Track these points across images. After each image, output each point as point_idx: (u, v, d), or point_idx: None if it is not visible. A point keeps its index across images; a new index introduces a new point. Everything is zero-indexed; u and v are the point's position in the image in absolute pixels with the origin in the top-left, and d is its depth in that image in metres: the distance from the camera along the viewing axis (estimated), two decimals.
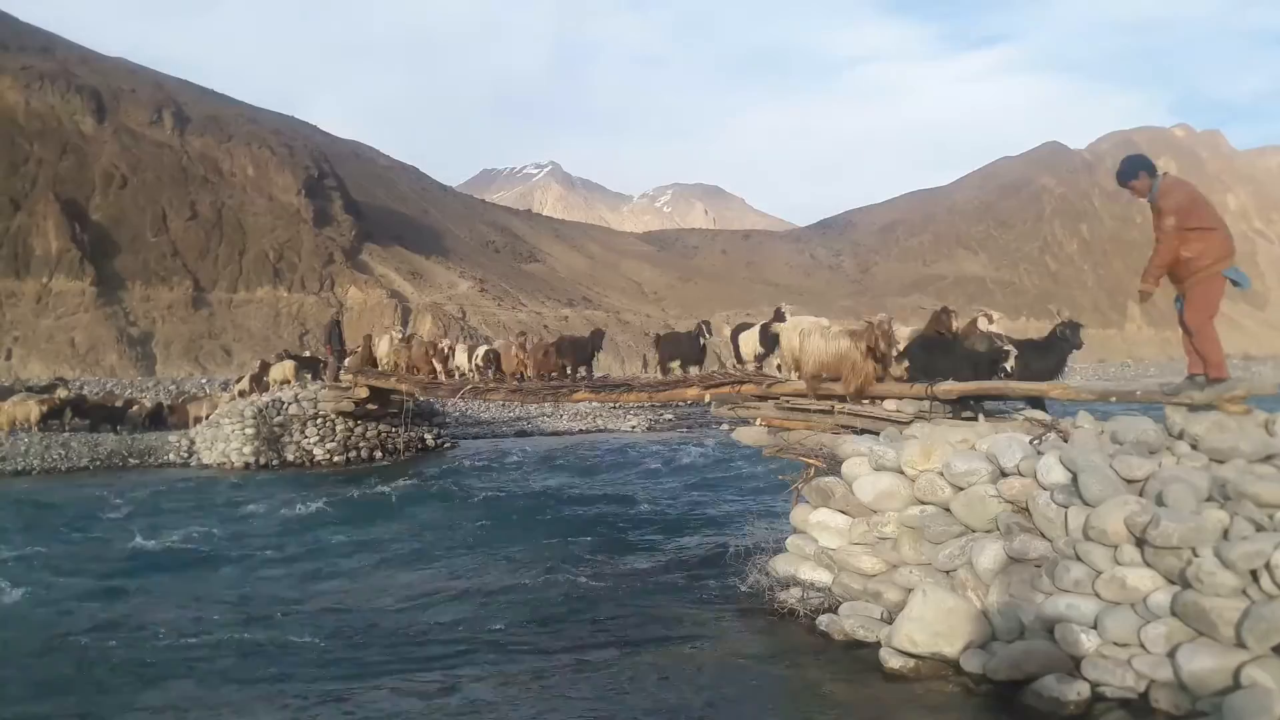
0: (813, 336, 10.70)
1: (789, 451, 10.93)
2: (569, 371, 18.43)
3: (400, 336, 25.65)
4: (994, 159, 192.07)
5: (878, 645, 7.74)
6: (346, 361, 26.19)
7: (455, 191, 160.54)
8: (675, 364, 14.98)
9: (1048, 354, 10.37)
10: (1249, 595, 5.92)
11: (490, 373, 20.39)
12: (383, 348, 25.11)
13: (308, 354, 30.48)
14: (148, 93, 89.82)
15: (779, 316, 13.69)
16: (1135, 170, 8.04)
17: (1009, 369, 10.06)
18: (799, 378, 11.51)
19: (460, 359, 22.08)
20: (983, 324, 11.52)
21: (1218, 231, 7.75)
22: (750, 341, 13.51)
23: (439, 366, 22.55)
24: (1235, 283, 7.79)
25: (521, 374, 19.42)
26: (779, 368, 13.26)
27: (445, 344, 23.49)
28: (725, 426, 15.04)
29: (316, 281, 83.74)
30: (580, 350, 18.43)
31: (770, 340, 13.25)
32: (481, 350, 21.32)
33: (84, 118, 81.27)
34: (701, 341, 14.74)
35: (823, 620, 8.57)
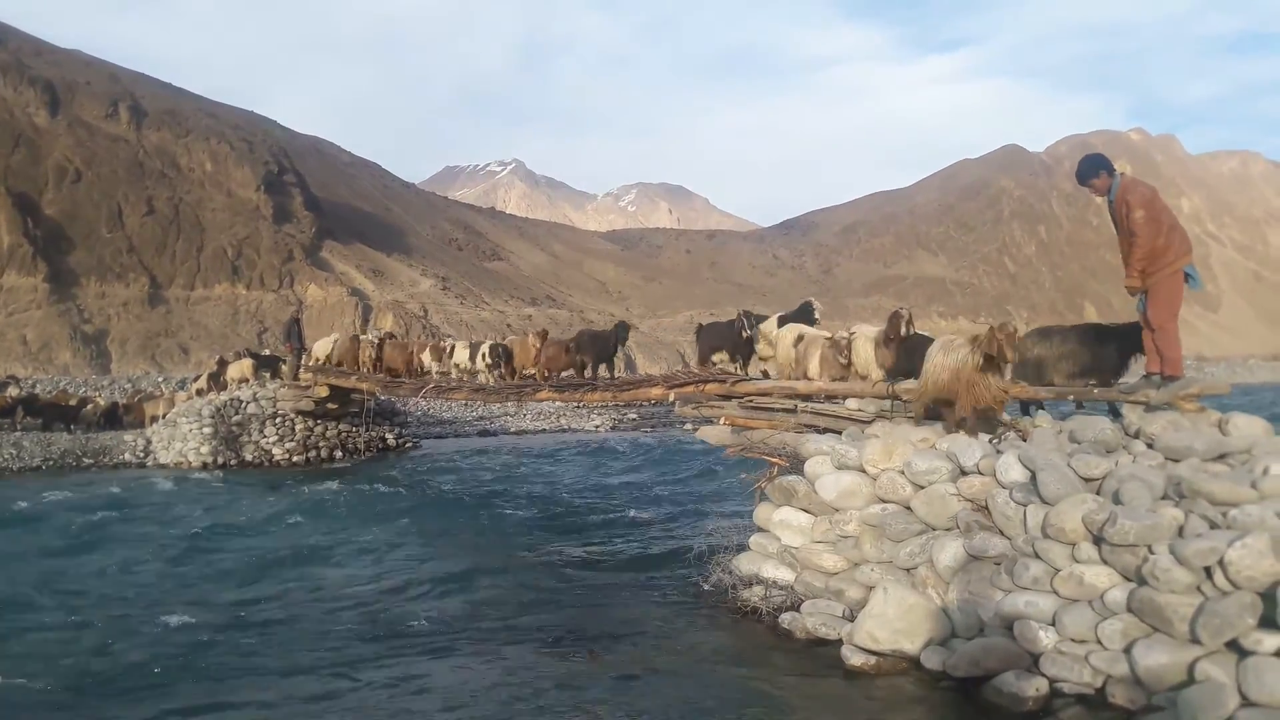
0: (934, 355, 8.63)
1: (752, 451, 10.94)
2: (587, 370, 16.33)
3: (376, 336, 24.79)
4: (954, 161, 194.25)
5: (839, 643, 7.78)
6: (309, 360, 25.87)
7: (417, 189, 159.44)
8: (720, 356, 13.66)
9: (1105, 341, 8.80)
10: (1203, 591, 6.01)
11: (498, 372, 18.66)
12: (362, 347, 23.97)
13: (267, 352, 29.72)
14: (103, 85, 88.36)
15: (805, 311, 12.90)
16: (1096, 169, 8.17)
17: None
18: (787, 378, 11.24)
19: (460, 355, 20.52)
20: None
21: (1178, 229, 7.89)
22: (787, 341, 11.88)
23: (434, 365, 21.20)
24: (1189, 276, 7.93)
25: (549, 370, 17.26)
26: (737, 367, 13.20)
27: (447, 342, 22.13)
28: (689, 426, 14.97)
29: (276, 279, 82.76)
30: (601, 345, 16.27)
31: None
32: (487, 345, 19.49)
33: (37, 110, 79.79)
34: (745, 334, 13.27)
35: (785, 618, 8.60)
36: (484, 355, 19.17)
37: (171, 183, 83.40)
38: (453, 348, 21.43)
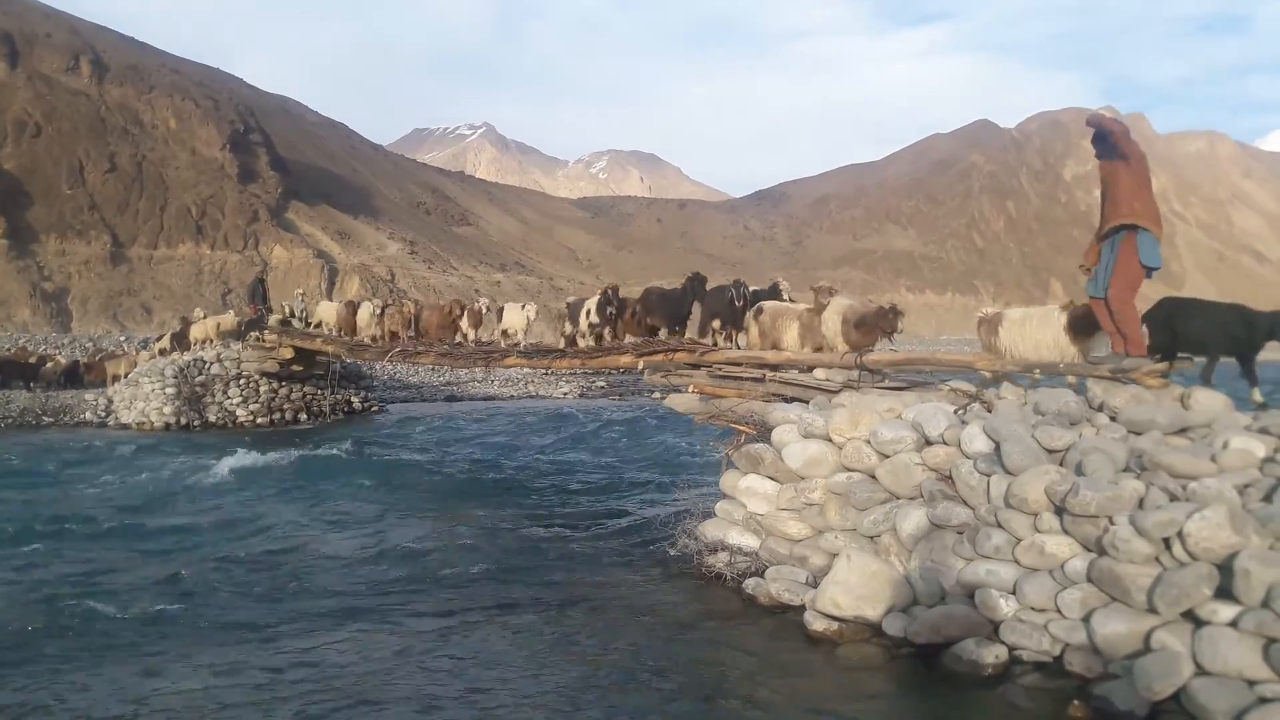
0: None
1: (720, 418, 10.96)
2: (660, 334, 13.95)
3: (381, 305, 22.15)
4: (926, 135, 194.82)
5: (802, 608, 7.83)
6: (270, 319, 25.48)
7: (386, 151, 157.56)
8: (715, 323, 13.07)
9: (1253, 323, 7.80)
10: (1161, 562, 6.09)
11: (606, 331, 15.14)
12: (362, 316, 21.62)
13: (285, 314, 27.14)
14: (63, 38, 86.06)
15: (774, 291, 12.83)
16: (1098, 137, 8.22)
17: None
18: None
19: (512, 318, 17.70)
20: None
21: (1153, 206, 7.94)
22: (834, 320, 10.60)
23: (471, 331, 18.42)
24: (1149, 269, 7.97)
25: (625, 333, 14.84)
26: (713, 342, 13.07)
27: (483, 305, 19.01)
28: (657, 394, 14.92)
29: (240, 239, 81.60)
30: (674, 306, 13.90)
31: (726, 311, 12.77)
32: (594, 302, 15.33)
33: None
34: (738, 304, 12.52)
35: (749, 584, 8.65)
36: (589, 313, 15.35)
37: (134, 139, 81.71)
38: (501, 310, 18.50)
